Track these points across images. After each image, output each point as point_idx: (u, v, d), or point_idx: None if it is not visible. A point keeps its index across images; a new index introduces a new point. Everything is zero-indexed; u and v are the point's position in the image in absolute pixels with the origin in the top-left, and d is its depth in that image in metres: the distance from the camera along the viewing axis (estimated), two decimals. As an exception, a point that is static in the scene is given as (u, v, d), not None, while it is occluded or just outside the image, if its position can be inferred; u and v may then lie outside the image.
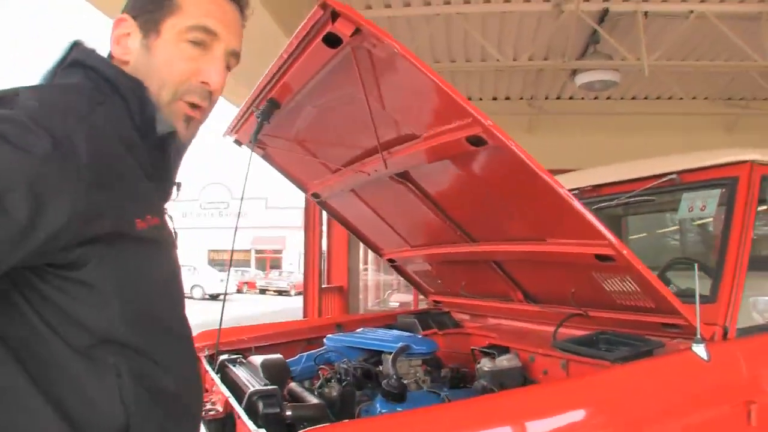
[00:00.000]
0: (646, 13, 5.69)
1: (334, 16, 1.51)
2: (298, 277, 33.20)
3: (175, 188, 1.18)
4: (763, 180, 2.24)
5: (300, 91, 2.03)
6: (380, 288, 11.19)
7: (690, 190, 2.43)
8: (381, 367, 2.45)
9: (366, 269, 10.29)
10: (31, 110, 0.87)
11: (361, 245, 9.02)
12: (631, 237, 3.44)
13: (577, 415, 1.59)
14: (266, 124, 2.13)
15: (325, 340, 2.78)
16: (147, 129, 1.05)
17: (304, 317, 7.82)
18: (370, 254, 9.75)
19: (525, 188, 1.91)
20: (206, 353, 2.58)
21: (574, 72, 7.34)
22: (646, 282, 1.85)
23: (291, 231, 33.89)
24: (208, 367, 2.40)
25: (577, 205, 1.70)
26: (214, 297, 24.60)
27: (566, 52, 6.41)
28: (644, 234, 3.63)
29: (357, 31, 1.53)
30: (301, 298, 8.93)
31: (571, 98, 8.85)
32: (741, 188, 2.21)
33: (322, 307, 8.13)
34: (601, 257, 1.89)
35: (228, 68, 1.13)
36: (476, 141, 1.74)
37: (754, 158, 2.26)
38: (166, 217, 1.11)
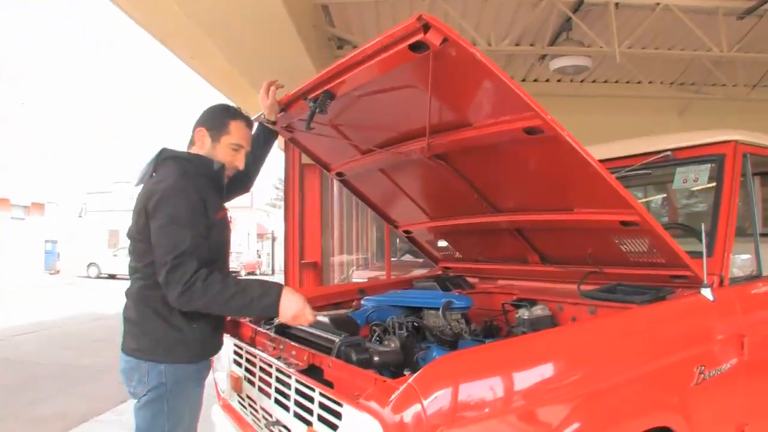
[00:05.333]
0: (617, 4, 6.16)
1: (426, 27, 1.74)
2: (248, 258, 33.19)
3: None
4: (744, 157, 2.66)
5: (361, 86, 2.22)
6: (344, 265, 11.59)
7: (682, 165, 2.83)
8: (423, 322, 2.78)
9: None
10: None
11: (336, 225, 9.53)
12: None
13: (618, 343, 1.99)
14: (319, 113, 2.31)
15: (363, 301, 3.09)
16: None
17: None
18: (335, 235, 10.15)
19: (563, 167, 2.20)
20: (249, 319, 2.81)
21: (543, 57, 7.80)
22: (662, 241, 2.23)
23: (240, 211, 33.62)
24: (263, 329, 2.63)
25: (612, 180, 2.03)
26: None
27: (539, 38, 6.83)
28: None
29: (445, 40, 1.76)
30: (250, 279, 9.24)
31: (535, 80, 9.33)
32: (728, 163, 2.61)
33: (302, 281, 8.52)
34: (625, 223, 2.24)
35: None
36: (533, 131, 2.03)
37: (737, 138, 2.66)
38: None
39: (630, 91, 9.00)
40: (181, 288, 1.94)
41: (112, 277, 25.28)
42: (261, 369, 2.40)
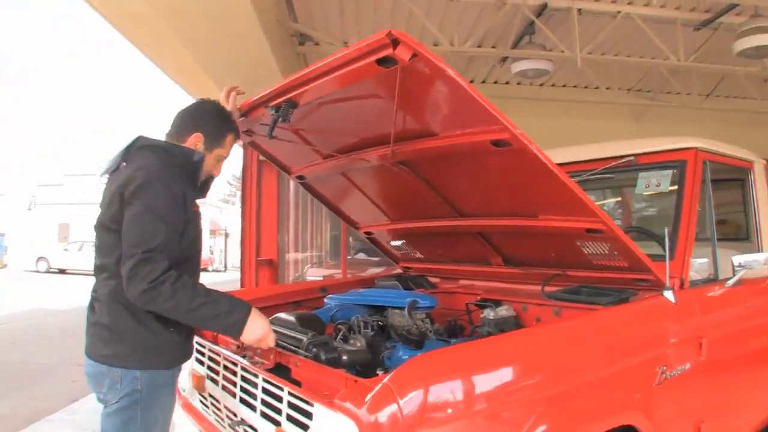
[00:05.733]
0: (579, 10, 6.29)
1: (395, 43, 1.71)
2: (200, 254, 32.80)
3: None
4: (704, 163, 2.75)
5: (324, 96, 2.19)
6: (298, 263, 11.59)
7: (645, 170, 2.90)
8: (388, 321, 2.77)
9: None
10: None
11: (291, 223, 9.54)
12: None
13: (585, 344, 2.03)
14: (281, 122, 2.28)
15: (326, 300, 3.06)
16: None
17: (242, 287, 8.07)
18: (290, 232, 10.17)
19: (529, 177, 2.21)
20: None
21: (504, 59, 7.90)
22: (626, 247, 2.27)
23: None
24: None
25: (578, 191, 2.05)
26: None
27: (502, 41, 6.91)
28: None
29: (414, 55, 1.74)
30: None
31: (495, 83, 9.44)
32: (689, 169, 2.69)
33: (258, 278, 8.46)
34: (591, 230, 2.28)
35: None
36: (500, 144, 2.04)
37: (697, 146, 2.76)
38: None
39: (588, 96, 9.20)
40: (146, 285, 1.81)
41: (62, 272, 24.59)
42: (225, 368, 2.36)
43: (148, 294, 1.82)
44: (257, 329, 1.98)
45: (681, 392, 2.27)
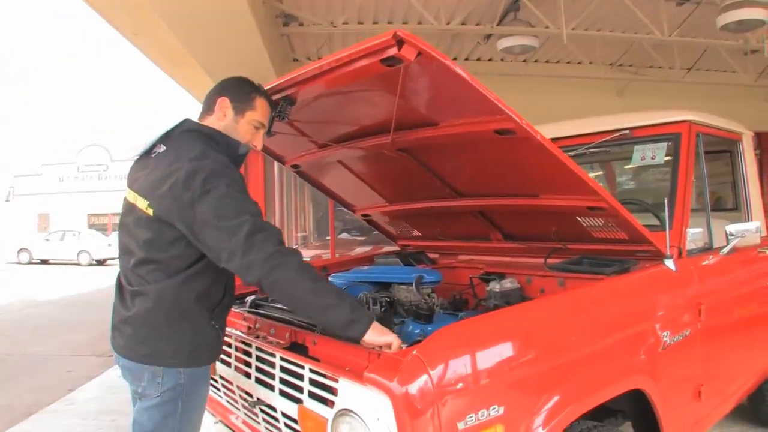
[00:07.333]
0: (564, -14, 6.32)
1: (400, 43, 1.70)
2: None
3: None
4: (697, 136, 2.81)
5: (323, 92, 2.20)
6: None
7: (640, 143, 2.96)
8: (395, 297, 2.81)
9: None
10: None
11: (277, 207, 9.59)
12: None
13: (598, 312, 2.11)
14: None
15: (330, 278, 3.09)
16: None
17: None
18: (276, 215, 10.20)
19: (531, 161, 2.24)
20: None
21: (488, 36, 7.91)
22: (626, 222, 2.33)
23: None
24: (236, 309, 2.62)
25: (581, 173, 2.09)
26: (101, 262, 23.47)
27: (486, 18, 6.92)
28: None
29: (419, 54, 1.73)
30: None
31: (478, 59, 9.46)
32: (683, 142, 2.75)
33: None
34: (592, 208, 2.34)
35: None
36: (504, 132, 2.06)
37: (691, 119, 2.82)
38: None
39: (571, 72, 9.25)
40: (272, 248, 1.72)
41: (44, 262, 24.28)
42: (237, 348, 2.39)
43: (275, 258, 1.73)
44: (385, 332, 1.80)
45: (683, 357, 2.35)
